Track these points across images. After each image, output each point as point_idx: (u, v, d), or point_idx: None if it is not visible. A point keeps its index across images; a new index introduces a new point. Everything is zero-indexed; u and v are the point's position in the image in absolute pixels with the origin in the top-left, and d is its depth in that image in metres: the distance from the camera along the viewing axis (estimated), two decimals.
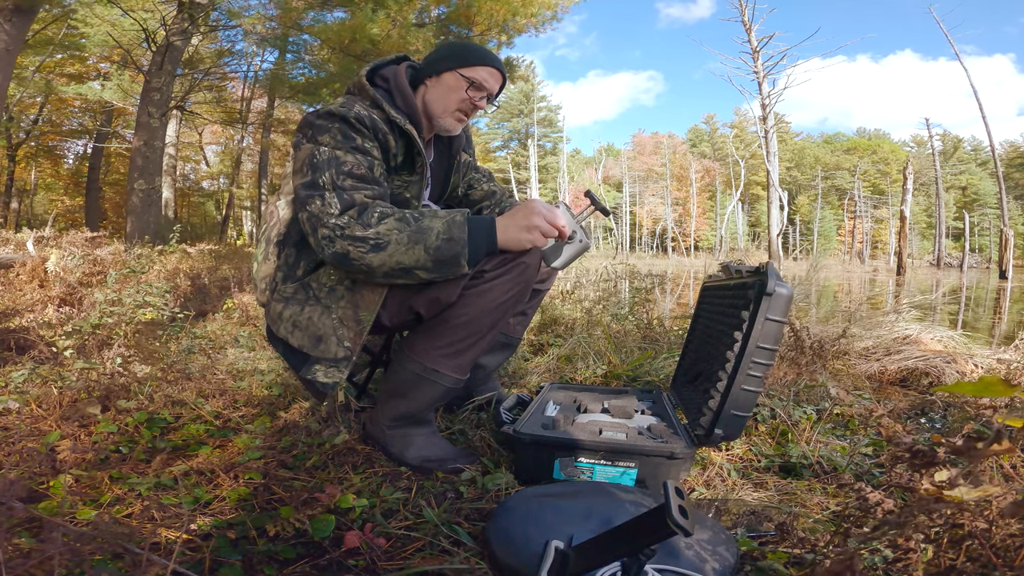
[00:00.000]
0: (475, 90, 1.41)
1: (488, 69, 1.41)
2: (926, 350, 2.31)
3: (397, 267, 1.19)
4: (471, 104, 1.42)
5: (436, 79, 1.42)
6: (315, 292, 1.31)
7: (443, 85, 1.42)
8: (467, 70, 1.39)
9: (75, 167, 23.54)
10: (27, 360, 2.05)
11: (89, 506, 1.06)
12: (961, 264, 23.70)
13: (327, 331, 1.29)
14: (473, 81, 1.40)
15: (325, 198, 1.21)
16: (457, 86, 1.40)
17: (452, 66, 1.40)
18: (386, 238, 1.18)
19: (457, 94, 1.41)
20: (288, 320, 1.32)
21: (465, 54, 1.41)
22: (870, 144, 52.58)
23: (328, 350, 1.29)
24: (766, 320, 1.12)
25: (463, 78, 1.40)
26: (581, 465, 1.22)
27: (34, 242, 4.41)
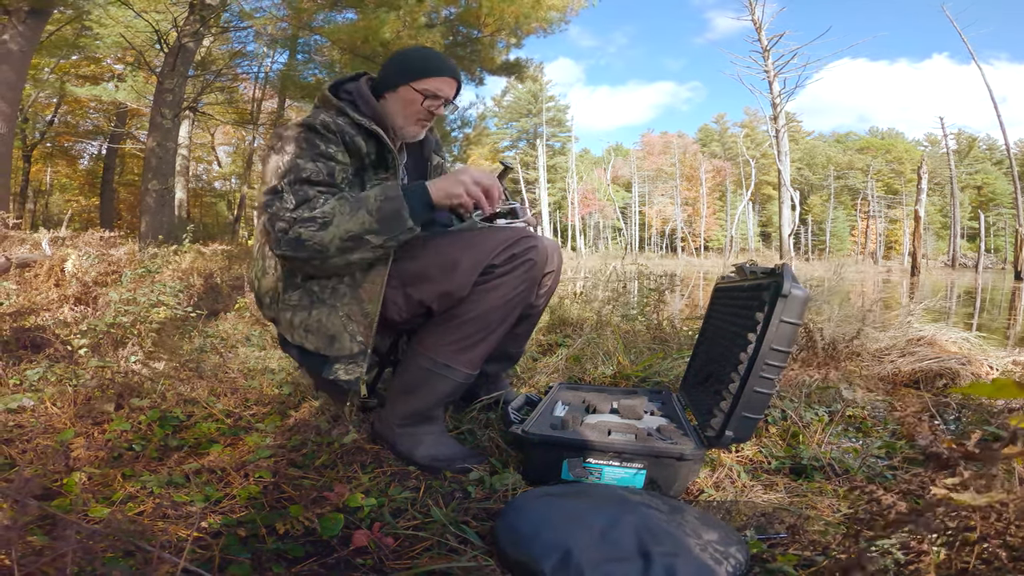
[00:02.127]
0: (431, 100, 1.46)
1: (441, 79, 1.46)
2: (940, 351, 2.28)
3: (347, 236, 1.23)
4: (428, 112, 1.47)
5: (393, 93, 1.47)
6: (318, 294, 1.33)
7: (400, 99, 1.46)
8: (420, 83, 1.44)
9: (90, 167, 23.81)
10: (42, 358, 2.07)
11: (102, 504, 1.07)
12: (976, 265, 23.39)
13: (338, 329, 1.31)
14: (427, 93, 1.45)
15: (283, 198, 1.26)
16: (412, 98, 1.45)
17: (405, 80, 1.45)
18: (330, 214, 1.23)
19: (414, 106, 1.46)
20: (299, 326, 1.34)
21: (416, 67, 1.45)
22: (883, 143, 52.01)
23: (343, 347, 1.31)
24: (781, 322, 1.11)
25: (416, 92, 1.44)
26: (590, 466, 1.22)
27: (50, 242, 4.47)
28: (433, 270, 1.31)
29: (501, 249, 1.31)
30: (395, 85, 1.46)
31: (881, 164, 49.37)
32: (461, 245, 1.33)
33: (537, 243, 1.36)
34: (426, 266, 1.32)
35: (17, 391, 1.71)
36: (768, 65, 22.68)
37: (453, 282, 1.29)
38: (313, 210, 1.24)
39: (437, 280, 1.30)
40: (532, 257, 1.33)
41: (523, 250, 1.33)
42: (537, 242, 1.36)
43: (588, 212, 49.18)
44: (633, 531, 0.90)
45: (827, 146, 53.95)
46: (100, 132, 19.58)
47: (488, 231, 1.38)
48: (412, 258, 1.33)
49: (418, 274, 1.32)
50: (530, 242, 1.34)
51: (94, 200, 22.61)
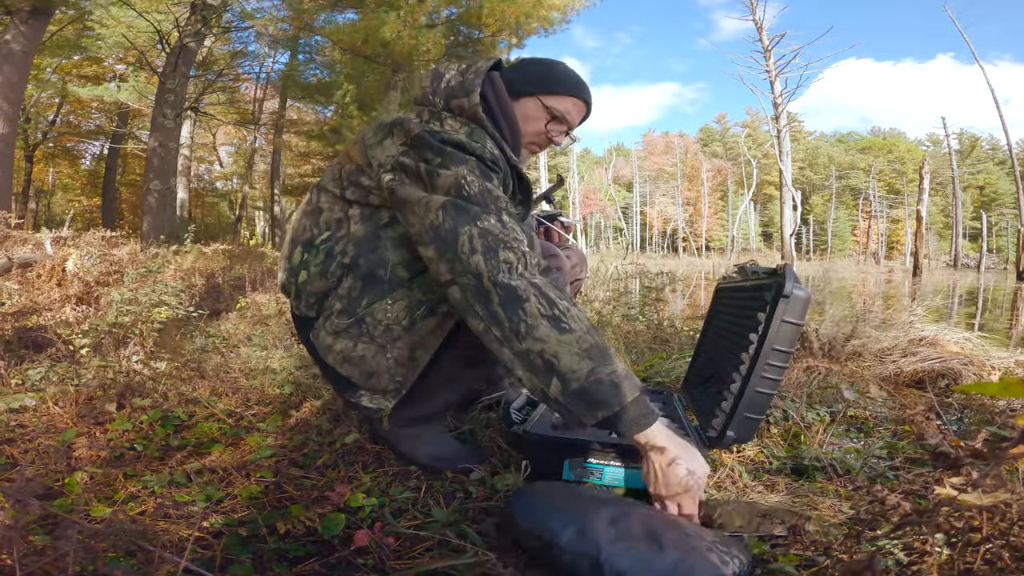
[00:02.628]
0: (556, 123, 1.27)
1: (575, 101, 1.26)
2: (943, 352, 2.28)
3: (549, 357, 0.98)
4: (547, 138, 1.28)
5: (514, 102, 1.26)
6: (369, 329, 1.18)
7: (521, 112, 1.26)
8: (551, 99, 1.25)
9: (92, 168, 23.86)
10: (44, 358, 2.08)
11: (104, 503, 1.07)
12: (979, 265, 23.36)
13: (380, 369, 1.19)
14: (555, 113, 1.26)
15: (504, 221, 1.04)
16: (537, 116, 1.26)
17: (535, 91, 1.25)
18: (573, 324, 1.00)
19: (535, 124, 1.27)
20: (339, 353, 1.21)
21: (553, 80, 1.26)
22: (885, 143, 51.97)
23: (379, 384, 1.21)
24: (783, 322, 1.11)
25: (544, 108, 1.25)
26: (591, 466, 1.21)
27: (52, 242, 4.48)
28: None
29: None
30: (520, 93, 1.26)
31: (883, 164, 49.33)
32: None
33: (560, 264, 1.28)
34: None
35: (19, 391, 1.71)
36: (769, 65, 22.66)
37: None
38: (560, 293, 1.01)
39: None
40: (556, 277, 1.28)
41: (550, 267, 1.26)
42: (561, 263, 1.28)
43: (589, 212, 49.17)
44: (642, 523, 0.91)
45: (829, 146, 53.94)
46: (102, 132, 19.63)
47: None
48: None
49: None
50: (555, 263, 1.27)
51: (96, 200, 22.66)
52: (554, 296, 1.01)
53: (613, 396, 0.98)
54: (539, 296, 1.00)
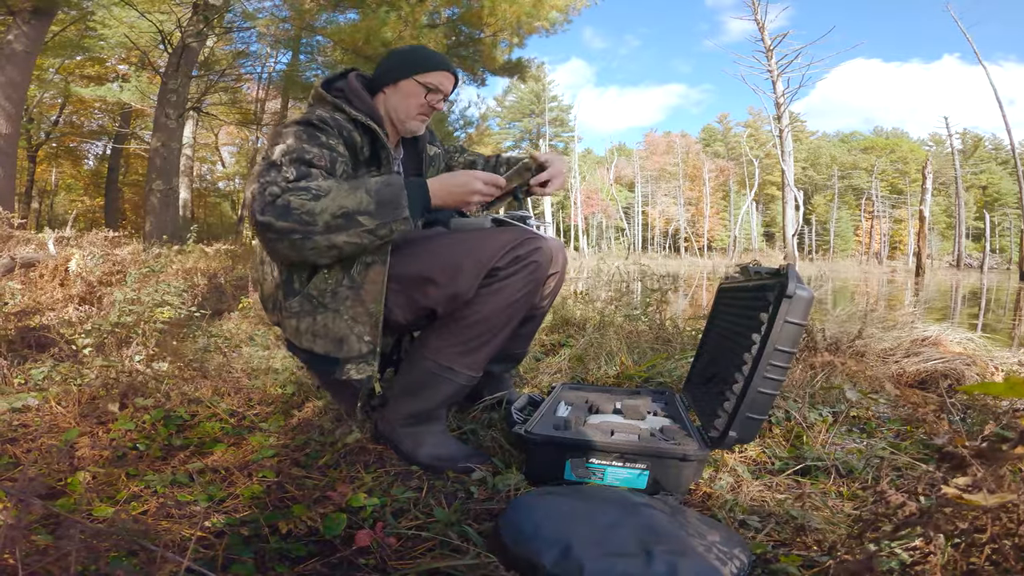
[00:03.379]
0: (432, 94, 1.49)
1: (442, 73, 1.50)
2: (945, 352, 2.27)
3: (339, 211, 1.19)
4: (429, 107, 1.50)
5: (394, 87, 1.49)
6: (319, 299, 1.31)
7: (401, 92, 1.49)
8: (422, 76, 1.47)
9: (95, 168, 23.91)
10: (47, 358, 2.08)
11: (106, 503, 1.07)
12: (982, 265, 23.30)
13: (345, 332, 1.30)
14: (429, 86, 1.48)
15: (281, 170, 1.23)
16: (415, 92, 1.48)
17: (407, 73, 1.48)
18: (327, 188, 1.21)
19: (416, 99, 1.49)
20: (306, 331, 1.32)
21: (418, 61, 1.49)
22: (888, 143, 51.86)
23: (352, 348, 1.30)
24: (785, 323, 1.10)
25: (419, 84, 1.48)
26: (593, 466, 1.21)
27: (55, 242, 4.49)
28: (436, 273, 1.30)
29: (505, 251, 1.30)
30: (395, 79, 1.49)
31: (886, 164, 49.22)
32: (464, 248, 1.32)
33: (541, 244, 1.34)
34: (429, 269, 1.31)
35: (22, 390, 1.71)
36: (771, 65, 22.62)
37: (457, 285, 1.28)
38: (311, 182, 1.22)
39: (441, 284, 1.29)
40: (536, 259, 1.32)
41: (527, 252, 1.32)
42: (541, 243, 1.34)
43: (591, 212, 49.14)
44: (635, 530, 0.90)
45: (831, 146, 53.82)
46: (105, 132, 19.67)
47: (492, 232, 1.37)
48: (414, 260, 1.32)
49: (421, 277, 1.31)
50: (534, 243, 1.33)
51: (99, 200, 22.71)
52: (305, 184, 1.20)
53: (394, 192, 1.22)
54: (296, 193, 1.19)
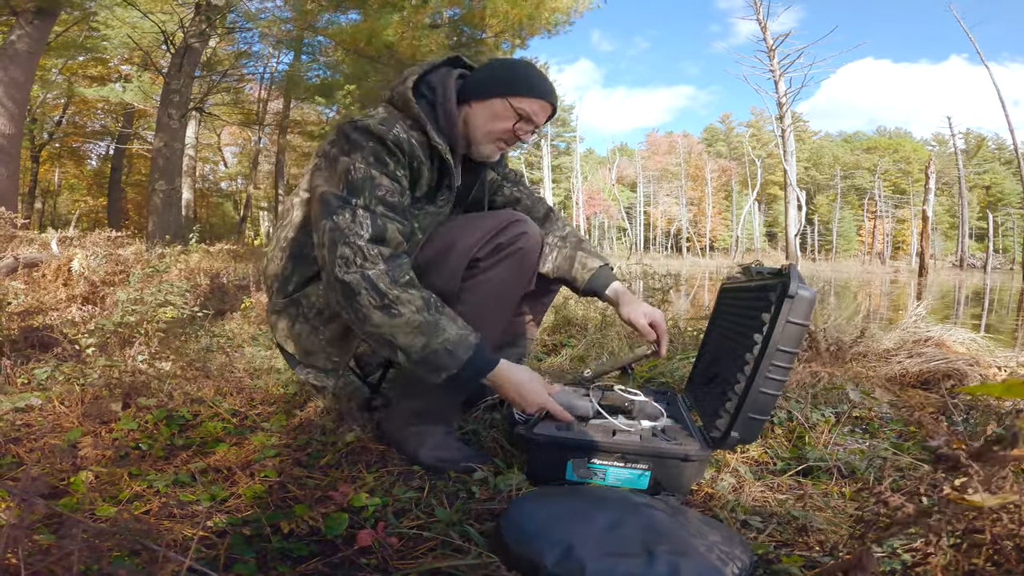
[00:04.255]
0: (524, 123, 1.30)
1: (541, 103, 1.30)
2: (948, 352, 2.26)
3: (387, 337, 1.13)
4: (515, 136, 1.32)
5: (483, 103, 1.31)
6: (304, 311, 1.30)
7: (489, 111, 1.30)
8: (518, 100, 1.28)
9: (98, 168, 23.98)
10: (50, 358, 2.09)
11: (109, 503, 1.07)
12: (985, 265, 23.22)
13: (316, 348, 1.32)
14: (522, 113, 1.29)
15: (357, 214, 1.14)
16: (505, 115, 1.30)
17: (503, 92, 1.29)
18: (401, 309, 1.12)
19: (503, 123, 1.30)
20: (282, 331, 1.35)
21: (519, 81, 1.29)
22: (891, 143, 51.73)
23: (316, 362, 1.33)
24: (787, 323, 1.10)
25: (512, 109, 1.29)
26: (594, 467, 1.21)
27: (58, 242, 4.50)
28: (421, 267, 1.25)
29: (486, 240, 1.25)
30: (489, 94, 1.30)
31: (888, 164, 49.10)
32: (447, 238, 1.27)
33: (527, 228, 1.28)
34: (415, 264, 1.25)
35: (25, 390, 1.72)
36: (774, 65, 22.57)
37: (440, 279, 1.25)
38: (392, 284, 1.11)
39: (424, 279, 1.23)
40: (521, 245, 1.26)
41: (510, 239, 1.25)
42: (527, 227, 1.28)
43: (593, 212, 49.11)
44: (637, 530, 0.90)
45: (834, 146, 53.71)
46: (108, 133, 19.73)
47: (473, 219, 1.31)
48: None
49: None
50: (519, 228, 1.26)
51: (102, 200, 22.77)
52: (384, 287, 1.12)
53: (448, 361, 1.13)
54: (370, 289, 1.11)
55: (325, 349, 1.31)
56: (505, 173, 1.59)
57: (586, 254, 1.54)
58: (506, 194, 1.59)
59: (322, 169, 1.23)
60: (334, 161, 1.21)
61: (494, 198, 1.57)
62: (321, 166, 1.24)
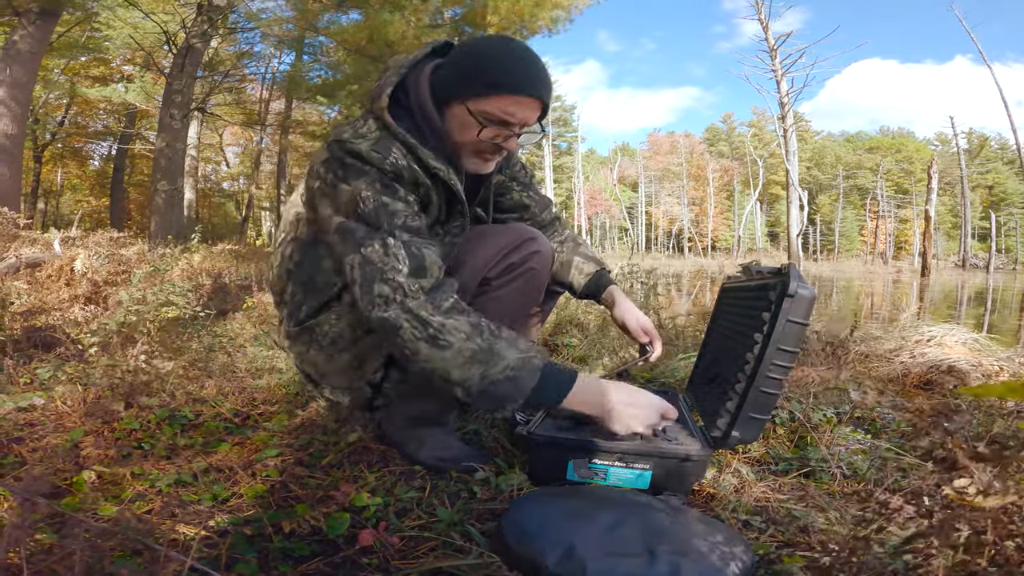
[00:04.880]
0: (496, 127, 1.08)
1: (514, 99, 1.05)
2: (950, 352, 2.26)
3: (440, 373, 1.03)
4: (494, 146, 1.12)
5: (449, 110, 1.11)
6: (318, 339, 1.24)
7: (455, 120, 1.11)
8: (478, 103, 1.06)
9: (100, 168, 24.04)
10: (53, 357, 2.09)
11: (111, 502, 1.08)
12: (987, 265, 23.17)
13: (331, 372, 1.29)
14: (489, 119, 1.07)
15: (388, 245, 1.02)
16: (468, 123, 1.09)
17: (460, 95, 1.08)
18: (449, 338, 1.01)
19: (469, 133, 1.10)
20: (296, 354, 1.32)
21: (478, 78, 1.06)
22: (893, 143, 51.64)
23: (333, 382, 1.31)
24: (788, 322, 1.10)
25: (472, 115, 1.07)
26: (595, 467, 1.21)
27: (60, 242, 4.51)
28: None
29: (498, 259, 1.20)
30: (449, 98, 1.10)
31: (891, 164, 49.00)
32: (459, 255, 1.21)
33: (540, 247, 1.24)
34: None
35: (28, 389, 1.72)
36: (775, 64, 22.52)
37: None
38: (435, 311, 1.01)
39: None
40: (533, 265, 1.23)
41: (522, 258, 1.21)
42: (540, 245, 1.24)
43: (595, 212, 49.08)
44: (638, 530, 0.90)
45: (836, 145, 53.64)
46: (110, 133, 19.76)
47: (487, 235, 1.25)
48: None
49: None
50: (532, 246, 1.22)
51: (104, 200, 22.81)
52: (427, 315, 1.01)
53: (513, 390, 1.03)
54: (412, 321, 1.01)
55: (342, 373, 1.28)
56: (514, 173, 1.46)
57: (583, 259, 1.52)
58: (514, 198, 1.48)
59: (326, 195, 1.10)
60: (334, 188, 1.08)
61: (500, 200, 1.47)
62: (324, 191, 1.11)
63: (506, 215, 1.50)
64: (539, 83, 1.07)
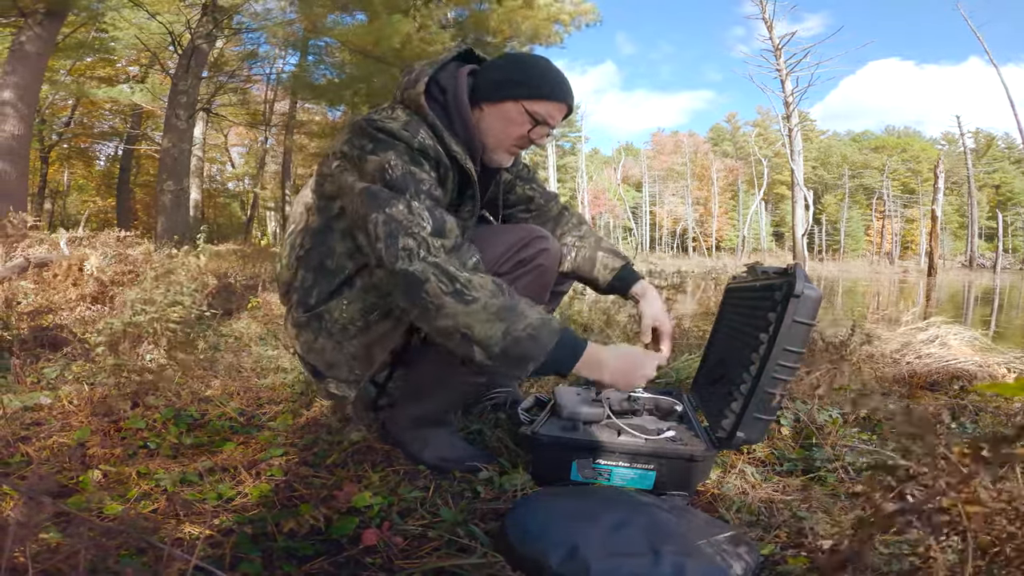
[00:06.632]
0: (540, 127, 1.23)
1: (558, 105, 1.22)
2: (957, 353, 2.25)
3: (463, 329, 1.04)
4: (529, 140, 1.25)
5: (495, 106, 1.23)
6: (327, 326, 1.25)
7: (502, 115, 1.23)
8: (534, 104, 1.20)
9: (106, 168, 24.16)
10: (60, 357, 2.10)
11: (116, 501, 1.08)
12: (994, 265, 23.03)
13: (339, 362, 1.28)
14: (538, 117, 1.21)
15: (413, 207, 1.07)
16: (519, 120, 1.22)
17: (517, 95, 1.21)
18: (475, 293, 1.04)
19: (518, 129, 1.23)
20: (303, 343, 1.30)
21: (536, 83, 1.21)
22: (899, 142, 51.37)
23: (339, 374, 1.30)
24: (793, 322, 1.10)
25: (528, 113, 1.21)
26: (599, 467, 1.21)
27: (67, 242, 4.53)
28: None
29: (509, 255, 1.24)
30: (501, 97, 1.22)
31: (897, 163, 48.75)
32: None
33: (548, 246, 1.27)
34: None
35: (35, 389, 1.73)
36: (780, 64, 22.42)
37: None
38: (462, 267, 1.05)
39: None
40: (541, 262, 1.26)
41: (532, 255, 1.25)
42: (548, 243, 1.27)
43: (598, 212, 49.02)
44: (642, 530, 0.90)
45: (842, 145, 53.37)
46: (116, 133, 19.86)
47: (496, 232, 1.30)
48: None
49: None
50: (540, 244, 1.26)
51: (110, 200, 22.94)
52: (454, 271, 1.04)
53: (534, 348, 1.05)
54: (439, 275, 1.04)
55: (349, 363, 1.28)
56: (518, 170, 1.54)
57: (606, 253, 1.53)
58: (519, 192, 1.54)
59: (349, 169, 1.17)
60: (360, 160, 1.14)
61: (507, 196, 1.53)
62: (345, 167, 1.17)
63: (511, 209, 1.54)
64: (571, 95, 1.26)
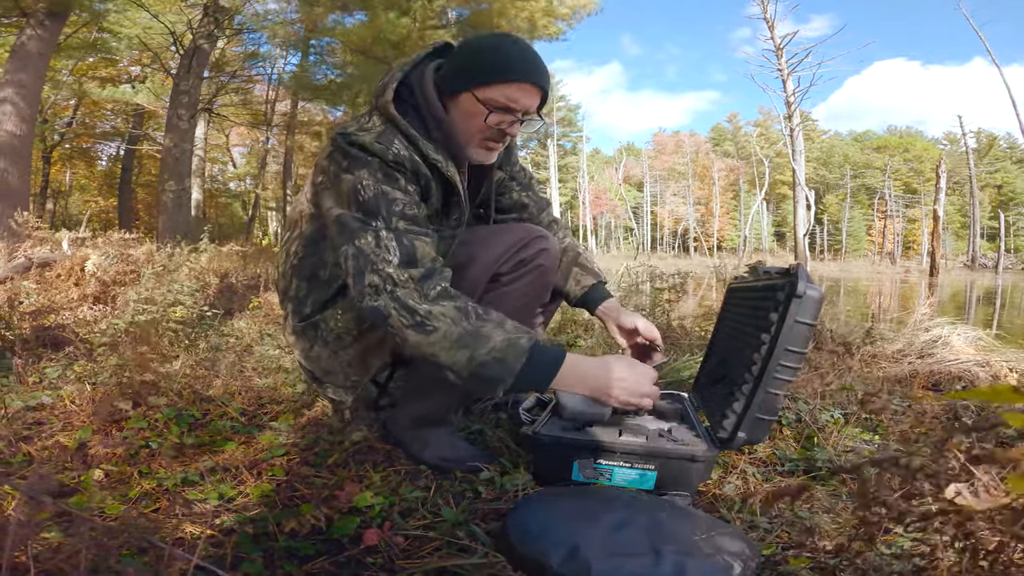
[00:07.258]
0: (500, 115, 1.14)
1: (518, 86, 1.12)
2: (959, 353, 2.24)
3: (429, 357, 1.07)
4: (501, 132, 1.18)
5: (453, 100, 1.17)
6: (323, 335, 1.26)
7: (461, 109, 1.16)
8: (485, 91, 1.12)
9: (108, 168, 24.22)
10: (61, 356, 2.11)
11: (118, 501, 1.08)
12: (996, 265, 22.99)
13: (336, 369, 1.30)
14: (495, 105, 1.13)
15: (381, 237, 1.06)
16: (475, 111, 1.14)
17: (467, 85, 1.13)
18: (435, 323, 1.04)
19: (476, 120, 1.15)
20: (300, 351, 1.32)
21: (484, 67, 1.12)
22: (901, 142, 51.30)
23: (336, 380, 1.32)
24: (795, 323, 1.09)
25: (480, 103, 1.13)
26: (600, 467, 1.21)
27: (70, 242, 4.54)
28: None
29: (509, 255, 1.23)
30: (455, 89, 1.16)
31: (899, 163, 48.68)
32: (469, 251, 1.24)
33: (548, 245, 1.27)
34: None
35: (36, 388, 1.74)
36: (781, 63, 22.40)
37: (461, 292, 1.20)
38: (422, 299, 1.05)
39: None
40: (542, 262, 1.25)
41: (532, 255, 1.24)
42: (548, 243, 1.27)
43: (600, 212, 49.01)
44: (643, 530, 0.90)
45: (844, 145, 53.30)
46: (118, 133, 19.91)
47: (496, 232, 1.29)
48: None
49: None
50: (540, 244, 1.26)
51: (112, 200, 22.99)
52: (413, 304, 1.05)
53: (502, 371, 1.05)
54: (399, 310, 1.05)
55: (345, 370, 1.29)
56: (514, 173, 1.50)
57: (581, 270, 1.51)
58: (513, 198, 1.50)
59: (328, 188, 1.15)
60: (336, 179, 1.12)
61: (500, 198, 1.49)
62: (326, 184, 1.16)
63: (504, 215, 1.51)
64: (537, 71, 1.15)
